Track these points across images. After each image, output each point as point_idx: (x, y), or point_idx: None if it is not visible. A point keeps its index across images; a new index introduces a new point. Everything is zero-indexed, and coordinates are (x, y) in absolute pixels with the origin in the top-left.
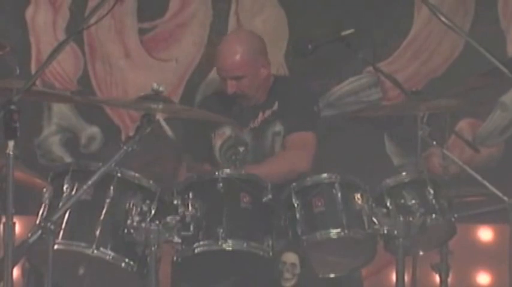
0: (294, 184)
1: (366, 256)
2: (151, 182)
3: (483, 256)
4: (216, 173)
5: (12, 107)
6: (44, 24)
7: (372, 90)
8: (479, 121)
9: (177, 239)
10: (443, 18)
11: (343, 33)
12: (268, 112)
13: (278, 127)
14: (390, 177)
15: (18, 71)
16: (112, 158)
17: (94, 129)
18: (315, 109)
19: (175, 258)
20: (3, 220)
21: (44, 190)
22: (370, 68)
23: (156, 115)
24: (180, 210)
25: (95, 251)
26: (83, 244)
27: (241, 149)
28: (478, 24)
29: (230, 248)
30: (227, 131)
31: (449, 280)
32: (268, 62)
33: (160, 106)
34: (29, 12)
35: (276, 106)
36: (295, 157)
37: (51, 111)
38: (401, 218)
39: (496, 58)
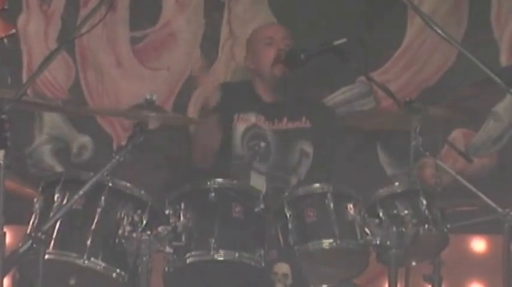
0: (286, 193)
1: (358, 266)
2: (142, 192)
3: (476, 266)
4: (208, 183)
5: (3, 116)
6: (36, 33)
7: (365, 99)
8: (472, 131)
9: (168, 250)
10: (436, 28)
11: (336, 42)
12: (296, 124)
13: (308, 148)
14: (383, 187)
15: (9, 80)
16: (103, 167)
17: (85, 139)
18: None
19: (166, 268)
20: None
21: (35, 199)
22: (363, 78)
23: (148, 124)
24: (172, 220)
25: (86, 261)
26: (73, 254)
27: (263, 144)
28: (471, 34)
29: (222, 259)
30: (252, 118)
31: None
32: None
33: (153, 115)
34: (21, 21)
35: (304, 122)
36: None
37: (42, 120)
38: (394, 229)
39: (489, 68)
